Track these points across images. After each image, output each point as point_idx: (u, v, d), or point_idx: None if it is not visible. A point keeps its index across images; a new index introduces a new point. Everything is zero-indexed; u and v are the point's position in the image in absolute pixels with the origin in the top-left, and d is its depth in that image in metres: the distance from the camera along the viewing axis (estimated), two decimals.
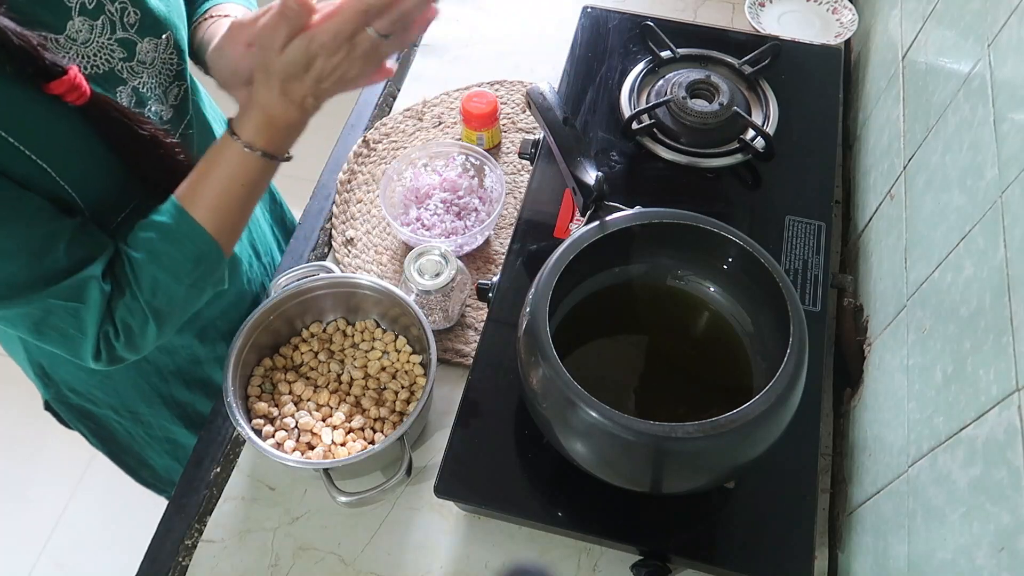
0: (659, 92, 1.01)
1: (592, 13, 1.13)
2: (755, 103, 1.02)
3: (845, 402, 0.88)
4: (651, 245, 0.80)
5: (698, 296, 0.82)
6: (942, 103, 0.76)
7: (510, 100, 1.15)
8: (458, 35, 1.25)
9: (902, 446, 0.70)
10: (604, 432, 0.65)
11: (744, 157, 0.97)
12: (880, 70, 1.01)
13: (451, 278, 0.88)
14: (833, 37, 1.16)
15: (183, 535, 0.84)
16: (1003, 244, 0.57)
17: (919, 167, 0.79)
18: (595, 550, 0.81)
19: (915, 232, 0.77)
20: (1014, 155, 0.59)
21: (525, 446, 0.79)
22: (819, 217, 0.92)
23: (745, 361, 0.78)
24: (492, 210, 1.00)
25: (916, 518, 0.64)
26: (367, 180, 1.09)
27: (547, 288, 0.71)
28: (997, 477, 0.52)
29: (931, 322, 0.69)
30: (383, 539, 0.82)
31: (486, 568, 0.80)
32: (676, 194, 0.95)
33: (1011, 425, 0.51)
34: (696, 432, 0.63)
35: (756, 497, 0.76)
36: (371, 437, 0.83)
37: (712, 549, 0.74)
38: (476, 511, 0.82)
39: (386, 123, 1.14)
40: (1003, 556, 0.50)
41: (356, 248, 1.03)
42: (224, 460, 0.89)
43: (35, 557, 1.75)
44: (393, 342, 0.89)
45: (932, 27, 0.84)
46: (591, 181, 0.81)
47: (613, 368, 0.81)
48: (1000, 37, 0.65)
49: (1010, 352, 0.53)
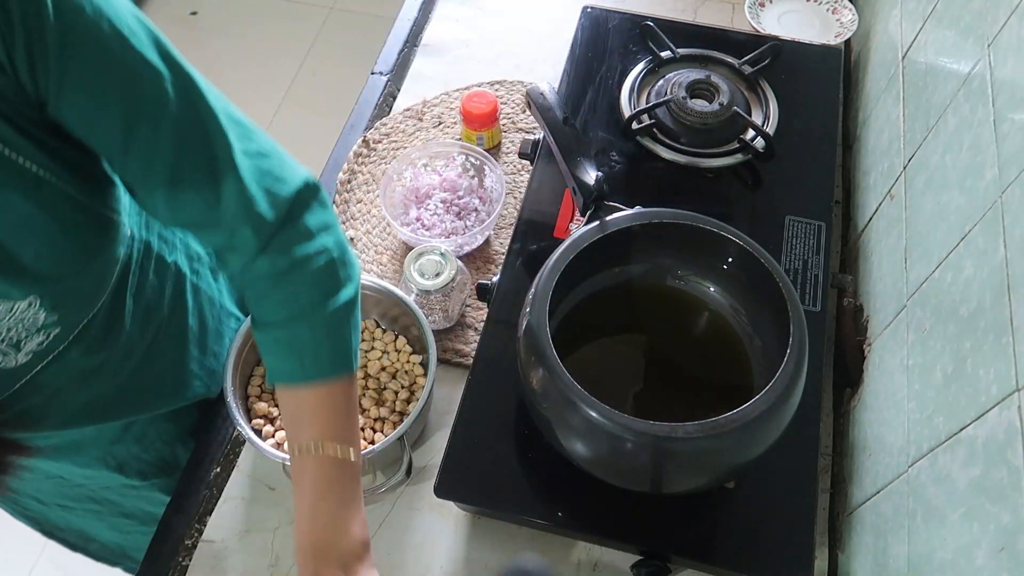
0: (659, 92, 1.01)
1: (592, 13, 1.13)
2: (755, 103, 1.02)
3: (845, 402, 0.88)
4: (651, 245, 0.80)
5: (698, 296, 0.82)
6: (942, 103, 0.76)
7: (510, 100, 1.15)
8: (458, 35, 1.25)
9: (902, 446, 0.70)
10: (604, 432, 0.65)
11: (744, 157, 0.97)
12: (880, 70, 1.01)
13: (451, 278, 0.88)
14: (833, 37, 1.16)
15: (183, 535, 0.84)
16: (1003, 244, 0.57)
17: (919, 167, 0.79)
18: (595, 550, 0.81)
19: (915, 232, 0.77)
20: (1014, 155, 0.59)
21: (525, 446, 0.79)
22: (819, 217, 0.92)
23: (745, 361, 0.78)
24: (492, 210, 1.00)
25: (916, 518, 0.64)
26: (367, 180, 1.09)
27: (547, 288, 0.71)
28: (997, 477, 0.52)
29: (931, 322, 0.69)
30: (383, 539, 0.82)
31: (486, 568, 0.80)
32: (676, 194, 0.95)
33: (1011, 425, 0.51)
34: (696, 432, 0.63)
35: (756, 497, 0.76)
36: (371, 437, 0.83)
37: (712, 549, 0.74)
38: (476, 511, 0.82)
39: (386, 123, 1.14)
40: (1003, 556, 0.50)
41: (356, 248, 1.03)
42: (224, 460, 0.88)
43: (35, 558, 1.74)
44: (393, 342, 0.89)
45: (932, 27, 0.84)
46: (591, 181, 0.81)
47: (613, 368, 0.81)
48: (1000, 37, 0.65)
49: (1010, 352, 0.53)
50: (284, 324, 0.68)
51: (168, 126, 0.59)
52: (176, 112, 0.59)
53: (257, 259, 0.66)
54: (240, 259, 0.67)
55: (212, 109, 0.62)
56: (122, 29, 0.56)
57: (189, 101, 0.60)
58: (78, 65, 0.54)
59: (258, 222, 0.64)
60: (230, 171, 0.62)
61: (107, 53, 0.55)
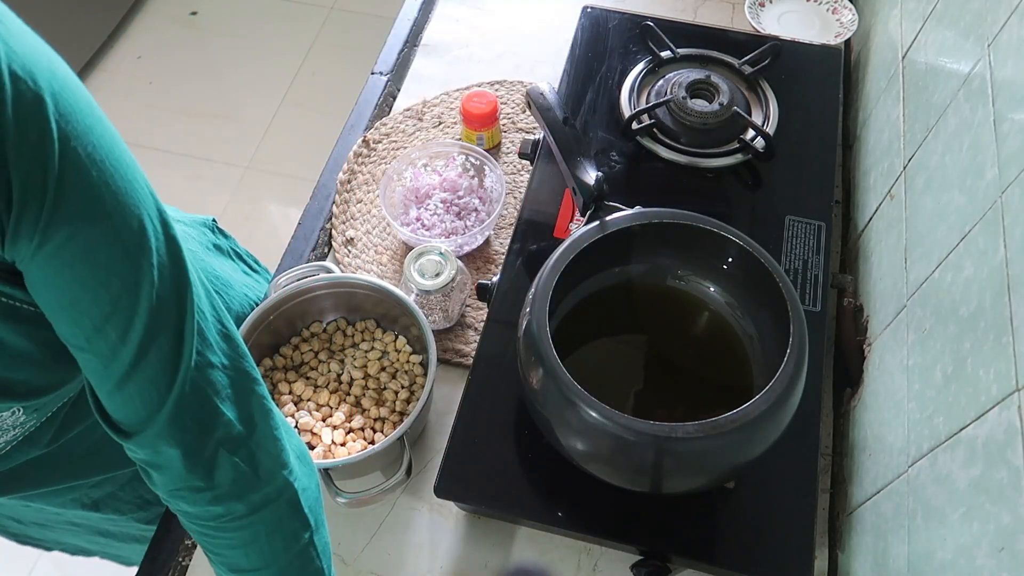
0: (659, 92, 1.01)
1: (592, 13, 1.13)
2: (755, 103, 1.02)
3: (845, 402, 0.88)
4: (651, 245, 0.80)
5: (698, 296, 0.82)
6: (942, 103, 0.76)
7: (510, 100, 1.15)
8: (458, 35, 1.25)
9: (902, 446, 0.70)
10: (604, 432, 0.65)
11: (744, 157, 0.97)
12: (880, 70, 1.01)
13: (451, 278, 0.88)
14: (833, 37, 1.16)
15: (183, 535, 0.84)
16: (1003, 244, 0.57)
17: (919, 167, 0.79)
18: (595, 550, 0.81)
19: (915, 232, 0.77)
20: (1014, 155, 0.59)
21: (525, 446, 0.79)
22: (819, 217, 0.92)
23: (745, 361, 0.78)
24: (492, 210, 1.00)
25: (916, 518, 0.64)
26: (367, 180, 1.09)
27: (547, 288, 0.71)
28: (997, 477, 0.52)
29: (931, 322, 0.69)
30: (383, 539, 0.82)
31: (486, 568, 0.80)
32: (676, 194, 0.95)
33: (1011, 425, 0.51)
34: (696, 432, 0.63)
35: (756, 497, 0.76)
36: (371, 437, 0.83)
37: (712, 549, 0.74)
38: (476, 511, 0.82)
39: (386, 123, 1.14)
40: (1003, 556, 0.50)
41: (356, 248, 1.03)
42: None
43: (35, 559, 1.74)
44: (393, 342, 0.89)
45: (932, 27, 0.84)
46: (591, 181, 0.81)
47: (613, 368, 0.81)
48: (1000, 37, 0.65)
49: (1010, 352, 0.53)
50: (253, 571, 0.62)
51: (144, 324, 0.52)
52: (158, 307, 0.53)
53: (210, 503, 0.59)
54: (167, 480, 0.59)
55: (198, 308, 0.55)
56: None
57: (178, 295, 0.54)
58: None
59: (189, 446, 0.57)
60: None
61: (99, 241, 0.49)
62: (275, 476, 0.60)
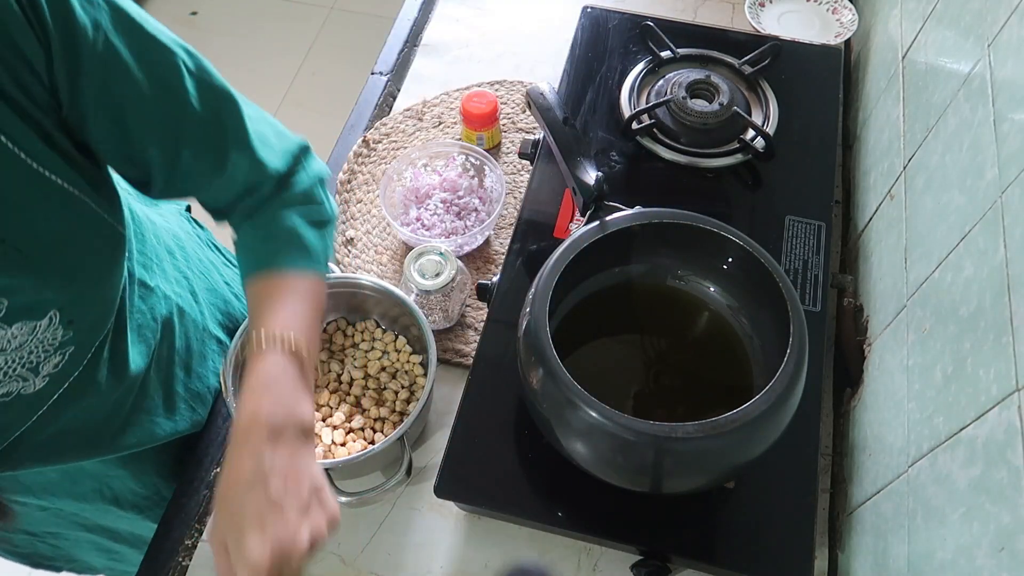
0: (659, 92, 1.01)
1: (592, 13, 1.13)
2: (755, 103, 1.02)
3: (845, 402, 0.88)
4: (651, 245, 0.80)
5: (698, 296, 0.82)
6: (942, 103, 0.76)
7: (510, 100, 1.15)
8: (458, 35, 1.25)
9: (902, 446, 0.70)
10: (604, 432, 0.65)
11: (744, 157, 0.97)
12: (880, 70, 1.01)
13: (451, 278, 0.88)
14: (833, 37, 1.16)
15: (183, 535, 0.84)
16: (1003, 244, 0.57)
17: (919, 167, 0.79)
18: (595, 550, 0.81)
19: (915, 232, 0.77)
20: (1014, 155, 0.59)
21: (525, 446, 0.79)
22: (819, 217, 0.92)
23: (745, 361, 0.78)
24: (492, 210, 1.00)
25: (916, 518, 0.64)
26: (367, 180, 1.09)
27: (547, 288, 0.71)
28: (997, 477, 0.52)
29: (931, 322, 0.69)
30: (383, 539, 0.82)
31: (486, 568, 0.80)
32: (676, 194, 0.95)
33: (1011, 425, 0.51)
34: (696, 432, 0.63)
35: (756, 497, 0.76)
36: (371, 437, 0.83)
37: (712, 549, 0.74)
38: (476, 511, 0.82)
39: (386, 123, 1.14)
40: (1003, 556, 0.50)
41: (356, 248, 1.03)
42: (224, 460, 0.88)
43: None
44: (393, 342, 0.89)
45: (932, 27, 0.84)
46: (591, 181, 0.80)
47: (613, 368, 0.81)
48: (1000, 37, 0.65)
49: (1010, 352, 0.53)
50: (267, 224, 0.71)
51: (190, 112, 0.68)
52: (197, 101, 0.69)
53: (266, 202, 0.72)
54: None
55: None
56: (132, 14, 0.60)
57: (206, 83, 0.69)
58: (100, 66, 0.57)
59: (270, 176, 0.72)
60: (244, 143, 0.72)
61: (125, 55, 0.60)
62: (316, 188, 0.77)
